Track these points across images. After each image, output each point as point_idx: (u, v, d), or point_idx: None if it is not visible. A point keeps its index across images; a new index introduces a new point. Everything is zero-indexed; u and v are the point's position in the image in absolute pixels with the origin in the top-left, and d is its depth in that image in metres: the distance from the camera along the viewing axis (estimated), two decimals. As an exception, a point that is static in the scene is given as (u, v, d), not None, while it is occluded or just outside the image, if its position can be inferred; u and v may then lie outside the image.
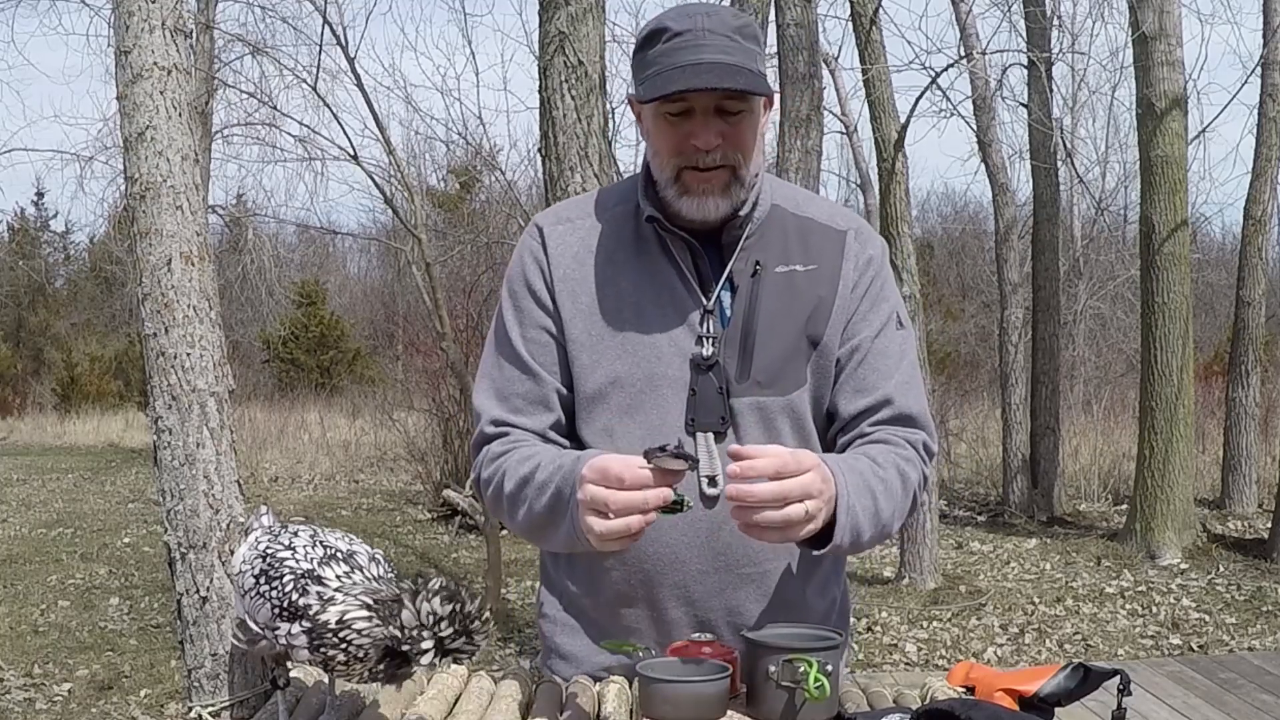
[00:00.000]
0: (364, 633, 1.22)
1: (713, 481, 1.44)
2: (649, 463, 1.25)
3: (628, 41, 9.55)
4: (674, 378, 1.48)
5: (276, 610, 1.28)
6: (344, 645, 1.23)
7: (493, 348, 1.56)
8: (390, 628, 1.20)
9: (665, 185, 1.48)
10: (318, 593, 1.26)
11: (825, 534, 1.33)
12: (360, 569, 1.31)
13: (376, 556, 1.36)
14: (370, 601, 1.23)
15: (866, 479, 1.38)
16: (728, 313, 1.50)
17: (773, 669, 1.31)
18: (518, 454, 1.46)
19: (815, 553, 1.36)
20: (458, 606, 1.20)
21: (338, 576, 1.28)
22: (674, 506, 1.26)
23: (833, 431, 1.54)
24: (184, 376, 2.26)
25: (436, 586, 1.21)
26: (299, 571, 1.29)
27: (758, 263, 1.51)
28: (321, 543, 1.34)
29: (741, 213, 1.50)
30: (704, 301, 1.49)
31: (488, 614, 1.22)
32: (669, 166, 1.47)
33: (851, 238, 1.55)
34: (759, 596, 1.52)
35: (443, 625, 1.19)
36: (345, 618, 1.23)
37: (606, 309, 1.50)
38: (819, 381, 1.52)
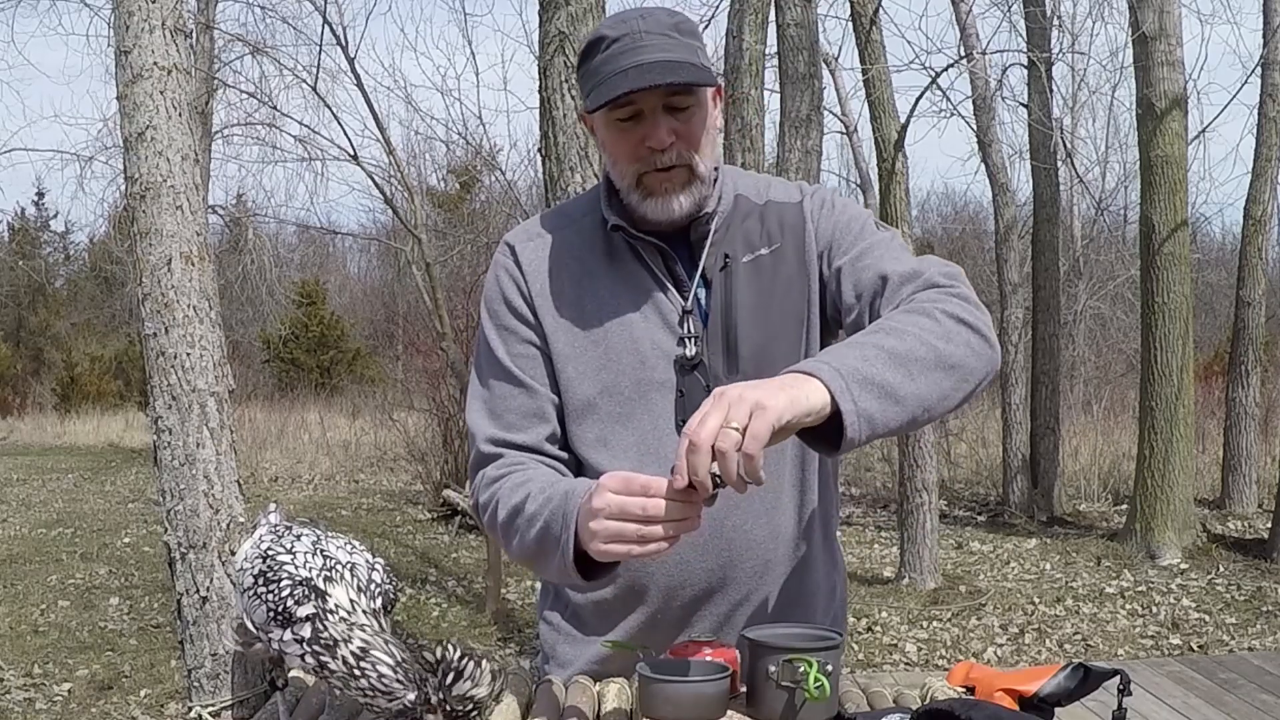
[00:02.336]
0: (384, 678, 1.21)
1: (713, 480, 1.43)
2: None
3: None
4: (661, 381, 1.48)
5: (271, 614, 1.28)
6: (354, 673, 1.23)
7: (480, 370, 1.56)
8: (410, 693, 1.20)
9: (627, 192, 1.49)
10: (342, 616, 1.25)
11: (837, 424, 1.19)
12: (361, 583, 1.31)
13: (377, 565, 1.36)
14: (399, 657, 1.22)
15: (852, 340, 1.27)
16: (706, 310, 1.50)
17: (773, 669, 1.30)
18: (510, 481, 1.45)
19: (836, 451, 1.22)
20: (474, 681, 1.19)
21: (351, 603, 1.27)
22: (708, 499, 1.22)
23: (846, 322, 1.48)
24: (184, 376, 2.26)
25: (458, 664, 1.18)
26: (297, 578, 1.29)
27: (726, 256, 1.51)
28: (322, 551, 1.33)
29: (706, 210, 1.51)
30: (682, 302, 1.49)
31: (498, 682, 1.21)
32: (628, 173, 1.47)
33: (806, 202, 1.55)
34: (764, 587, 1.53)
35: (463, 702, 1.19)
36: (370, 654, 1.22)
37: (587, 320, 1.50)
38: (814, 353, 1.50)
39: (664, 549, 1.22)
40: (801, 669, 1.28)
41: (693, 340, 1.48)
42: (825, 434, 1.21)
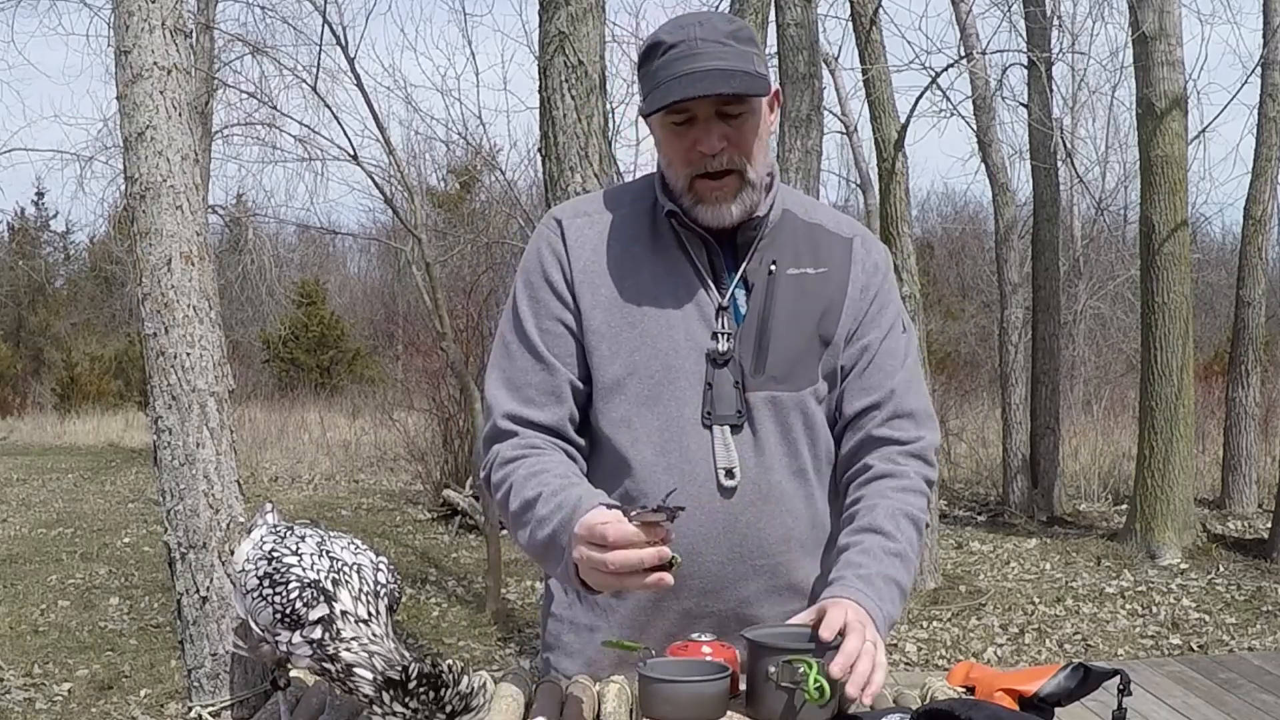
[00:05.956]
0: (367, 696, 1.22)
1: (729, 473, 1.49)
2: (629, 519, 1.24)
3: (628, 41, 9.55)
4: (690, 371, 1.51)
5: (279, 616, 1.27)
6: (345, 686, 1.24)
7: (505, 338, 1.58)
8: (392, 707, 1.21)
9: (680, 194, 1.53)
10: (339, 627, 1.25)
11: None
12: (367, 583, 1.31)
13: (381, 565, 1.36)
14: (381, 669, 1.22)
15: (887, 571, 1.44)
16: (741, 310, 1.54)
17: (772, 669, 1.30)
18: (525, 467, 1.47)
19: None
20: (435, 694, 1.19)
21: (355, 617, 1.27)
22: (668, 564, 1.25)
23: (839, 429, 1.58)
24: (184, 376, 2.26)
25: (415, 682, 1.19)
26: (305, 580, 1.28)
27: (773, 263, 1.55)
28: (328, 553, 1.33)
29: (758, 214, 1.54)
30: (719, 298, 1.53)
31: (480, 697, 1.21)
32: (682, 177, 1.51)
33: (858, 244, 1.61)
34: (771, 587, 1.55)
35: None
36: (355, 672, 1.23)
37: (625, 301, 1.53)
38: (827, 380, 1.57)
39: (648, 585, 1.27)
40: (801, 670, 1.28)
41: (725, 337, 1.51)
42: None
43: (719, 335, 1.51)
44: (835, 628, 1.30)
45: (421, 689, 1.18)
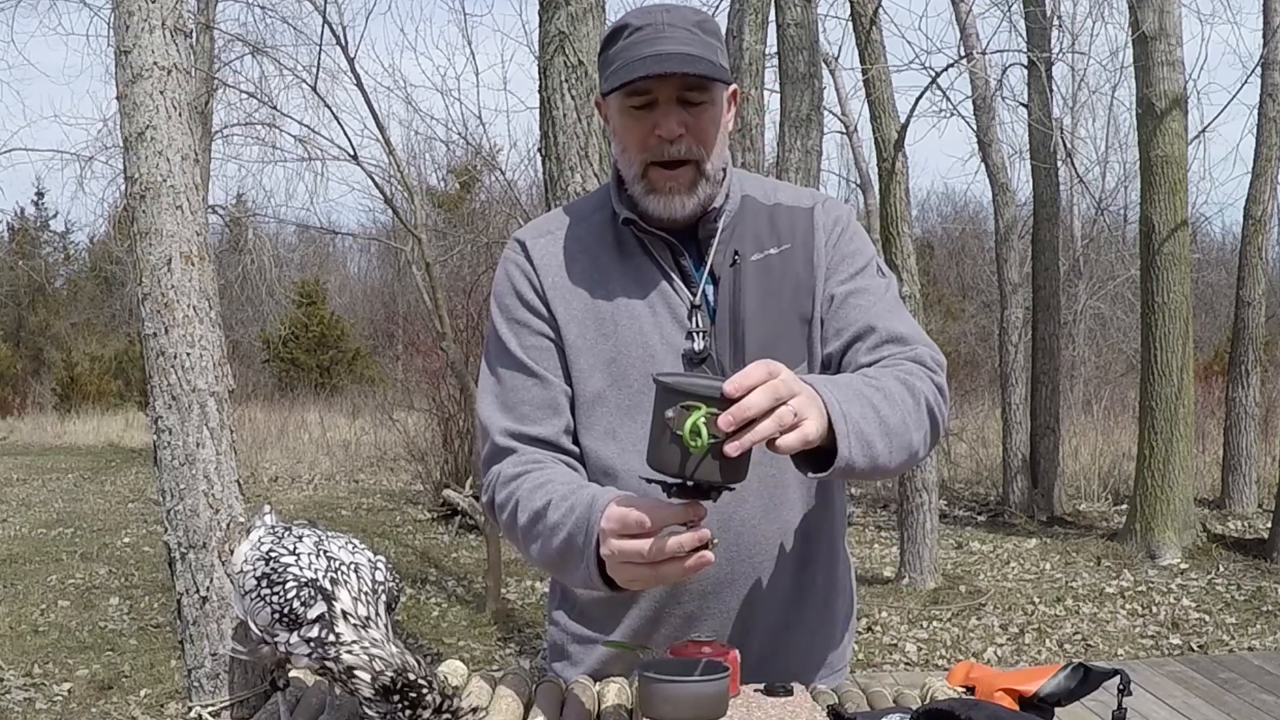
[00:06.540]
0: (367, 698, 1.23)
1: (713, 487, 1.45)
2: (669, 497, 1.19)
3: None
4: None
5: (277, 616, 1.27)
6: (346, 687, 1.25)
7: (491, 363, 1.56)
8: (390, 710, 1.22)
9: (632, 182, 1.50)
10: (340, 629, 1.26)
11: (829, 456, 1.27)
12: (365, 583, 1.31)
13: (379, 564, 1.36)
14: (378, 671, 1.23)
15: (856, 387, 1.33)
16: (714, 306, 1.52)
17: (670, 414, 1.17)
18: (529, 481, 1.44)
19: (817, 475, 1.30)
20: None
21: (356, 619, 1.27)
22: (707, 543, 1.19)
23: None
24: (184, 376, 2.26)
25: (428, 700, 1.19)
26: (302, 580, 1.28)
27: (736, 253, 1.53)
28: (325, 552, 1.33)
29: (716, 205, 1.53)
30: (691, 297, 1.51)
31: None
32: (636, 162, 1.49)
33: (819, 211, 1.58)
34: (772, 582, 1.54)
35: None
36: (355, 675, 1.23)
37: (598, 313, 1.52)
38: (816, 355, 1.54)
39: (689, 569, 1.22)
40: (688, 415, 1.15)
41: (701, 335, 1.50)
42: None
43: (694, 334, 1.50)
44: (745, 385, 1.14)
45: (408, 694, 1.19)
